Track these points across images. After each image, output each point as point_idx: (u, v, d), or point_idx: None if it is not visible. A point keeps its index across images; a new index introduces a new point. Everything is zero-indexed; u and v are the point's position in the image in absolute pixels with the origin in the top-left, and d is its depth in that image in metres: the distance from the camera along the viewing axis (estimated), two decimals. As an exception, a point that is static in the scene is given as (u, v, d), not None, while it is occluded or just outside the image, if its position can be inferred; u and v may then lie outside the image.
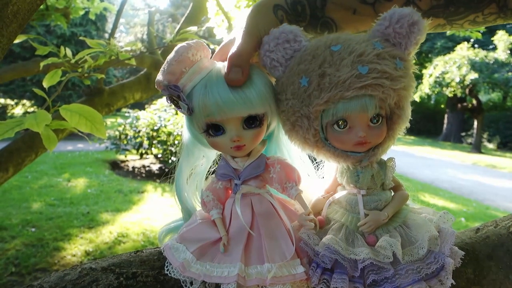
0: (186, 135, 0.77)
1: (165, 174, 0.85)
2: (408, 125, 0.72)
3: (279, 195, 0.77)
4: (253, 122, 0.69)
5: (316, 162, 0.81)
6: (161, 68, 0.68)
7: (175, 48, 0.68)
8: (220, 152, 0.77)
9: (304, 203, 0.72)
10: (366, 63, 0.63)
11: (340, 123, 0.66)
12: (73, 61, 2.03)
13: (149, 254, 0.71)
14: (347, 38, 0.68)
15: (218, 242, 0.68)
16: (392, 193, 0.74)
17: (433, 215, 0.73)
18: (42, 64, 2.02)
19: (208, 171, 0.83)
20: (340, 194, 0.73)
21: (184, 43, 0.68)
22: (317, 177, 0.82)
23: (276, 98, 0.71)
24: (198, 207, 0.80)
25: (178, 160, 0.80)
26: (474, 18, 0.82)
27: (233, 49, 0.69)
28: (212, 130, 0.69)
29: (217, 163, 0.80)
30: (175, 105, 0.69)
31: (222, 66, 0.70)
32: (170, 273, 0.66)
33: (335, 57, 0.65)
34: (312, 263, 0.68)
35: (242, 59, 0.68)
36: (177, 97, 0.67)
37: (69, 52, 2.06)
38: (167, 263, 0.68)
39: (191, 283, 0.65)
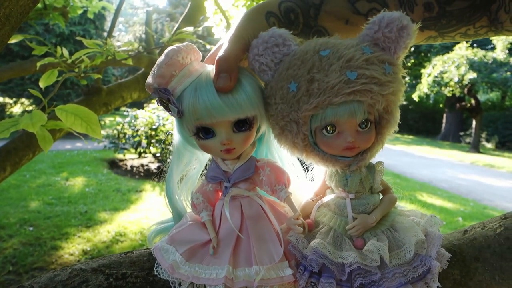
0: (176, 137, 0.77)
1: (160, 172, 0.85)
2: (396, 128, 0.73)
3: (268, 197, 0.78)
4: (242, 125, 0.70)
5: (306, 165, 0.82)
6: (151, 71, 0.69)
7: (165, 51, 0.68)
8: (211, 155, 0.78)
9: (294, 206, 0.73)
10: (354, 69, 0.64)
11: (328, 128, 0.67)
12: (69, 61, 2.04)
13: (139, 255, 0.72)
14: (336, 43, 0.68)
15: (208, 244, 0.69)
16: (381, 196, 0.75)
17: (421, 218, 0.74)
18: (38, 64, 2.02)
19: (201, 175, 0.83)
20: (329, 197, 0.74)
21: (174, 46, 0.69)
22: (306, 180, 0.83)
23: (265, 102, 0.72)
24: (189, 209, 0.80)
25: (169, 163, 0.80)
26: (466, 31, 0.83)
27: (220, 53, 0.70)
28: (202, 133, 0.70)
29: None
30: (165, 108, 0.69)
31: (211, 69, 0.71)
32: (159, 274, 0.67)
33: (323, 62, 0.65)
34: (300, 266, 0.69)
35: (230, 64, 0.68)
36: (167, 100, 0.67)
37: (65, 52, 2.07)
38: (156, 264, 0.69)
39: (180, 284, 0.66)
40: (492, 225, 0.81)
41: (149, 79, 0.68)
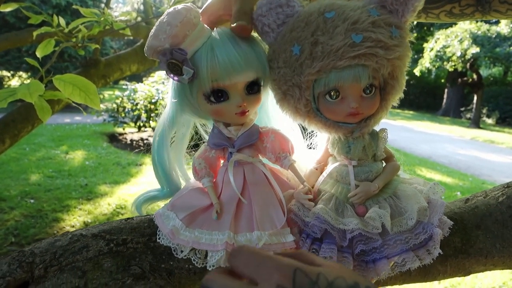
0: (174, 105, 0.74)
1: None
2: (402, 95, 0.71)
3: (271, 165, 0.77)
4: (252, 88, 0.69)
5: (309, 133, 0.81)
6: (155, 33, 0.64)
7: (175, 9, 0.64)
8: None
9: (299, 173, 0.72)
10: (360, 31, 0.62)
11: (332, 93, 0.65)
12: (66, 30, 2.00)
13: (139, 222, 0.72)
14: (342, 5, 0.66)
15: (208, 209, 0.69)
16: (384, 164, 0.74)
17: (423, 185, 0.73)
18: (35, 33, 1.98)
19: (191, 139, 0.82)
20: (332, 167, 0.73)
21: (183, 5, 0.65)
22: (306, 147, 0.82)
23: (268, 66, 0.70)
24: (186, 176, 0.80)
25: (160, 131, 0.77)
26: (451, 9, 0.80)
27: (236, 9, 0.68)
28: (214, 96, 0.67)
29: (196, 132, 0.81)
30: (174, 72, 0.65)
31: (221, 30, 0.68)
32: (161, 241, 0.67)
33: (328, 25, 0.63)
34: (302, 233, 0.68)
35: (247, 16, 0.67)
36: (181, 62, 0.64)
37: (62, 21, 2.02)
38: (158, 230, 0.68)
39: (181, 251, 0.66)
40: (494, 194, 0.80)
41: (154, 41, 0.64)
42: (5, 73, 14.11)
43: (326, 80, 0.64)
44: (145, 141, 8.26)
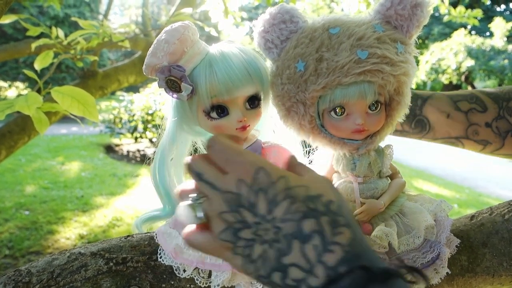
0: (174, 124, 0.73)
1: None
2: (407, 111, 0.70)
3: None
4: (253, 102, 0.68)
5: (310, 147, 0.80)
6: (153, 50, 0.64)
7: (172, 27, 0.64)
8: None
9: None
10: (365, 47, 0.61)
11: (337, 110, 0.64)
12: (65, 42, 1.99)
13: (139, 240, 0.70)
14: (347, 20, 0.65)
15: None
16: (389, 181, 0.73)
17: (429, 203, 0.72)
18: (33, 45, 1.97)
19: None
20: (337, 184, 0.72)
21: (180, 23, 0.65)
22: (306, 161, 0.80)
23: (271, 81, 0.69)
24: None
25: (160, 149, 0.76)
26: None
27: None
28: (213, 113, 0.67)
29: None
30: (173, 90, 0.64)
31: (218, 47, 0.68)
32: (163, 260, 0.65)
33: (333, 41, 0.62)
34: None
35: None
36: (179, 79, 0.63)
37: (61, 33, 2.01)
38: (159, 249, 0.66)
39: (184, 270, 0.64)
40: (500, 211, 0.79)
41: (152, 59, 0.64)
42: (2, 83, 14.08)
43: (331, 97, 0.63)
44: (141, 152, 8.23)
